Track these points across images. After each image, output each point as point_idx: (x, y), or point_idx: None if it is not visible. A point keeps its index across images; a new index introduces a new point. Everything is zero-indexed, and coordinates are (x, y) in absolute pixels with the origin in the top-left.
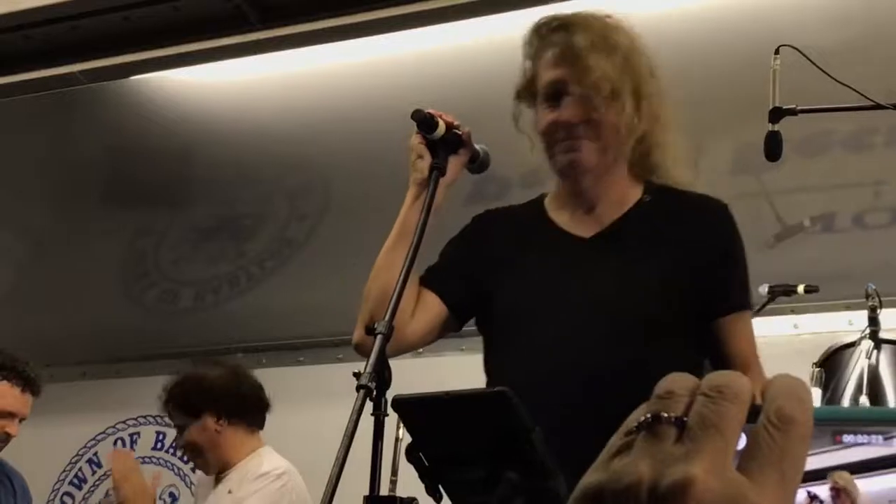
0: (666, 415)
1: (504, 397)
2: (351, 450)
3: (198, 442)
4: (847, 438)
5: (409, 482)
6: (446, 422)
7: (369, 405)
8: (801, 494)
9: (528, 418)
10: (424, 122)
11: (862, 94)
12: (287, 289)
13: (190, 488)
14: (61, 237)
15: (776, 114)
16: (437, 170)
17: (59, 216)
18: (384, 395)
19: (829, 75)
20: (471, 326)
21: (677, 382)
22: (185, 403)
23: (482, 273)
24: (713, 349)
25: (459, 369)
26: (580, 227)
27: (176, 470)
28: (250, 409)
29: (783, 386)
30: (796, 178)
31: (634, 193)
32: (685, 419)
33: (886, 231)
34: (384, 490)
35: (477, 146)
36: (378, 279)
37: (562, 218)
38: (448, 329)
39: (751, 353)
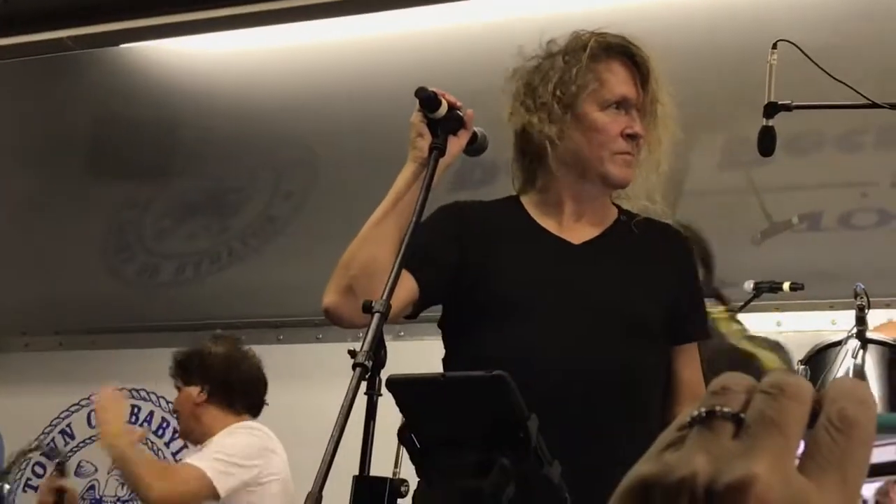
0: (721, 410)
1: (502, 382)
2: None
3: (182, 406)
4: None
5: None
6: (441, 404)
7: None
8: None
9: (524, 404)
10: (427, 100)
11: (858, 92)
12: (269, 266)
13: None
14: (43, 205)
15: (771, 109)
16: (437, 150)
17: (43, 184)
18: (378, 374)
19: (826, 72)
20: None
21: (732, 379)
22: (183, 368)
23: (463, 263)
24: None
25: (440, 355)
26: (568, 234)
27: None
28: (235, 396)
29: (845, 388)
30: (785, 176)
31: (611, 214)
32: (742, 416)
33: (872, 232)
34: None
35: (475, 129)
36: (364, 249)
37: (548, 224)
38: (409, 312)
39: (701, 384)
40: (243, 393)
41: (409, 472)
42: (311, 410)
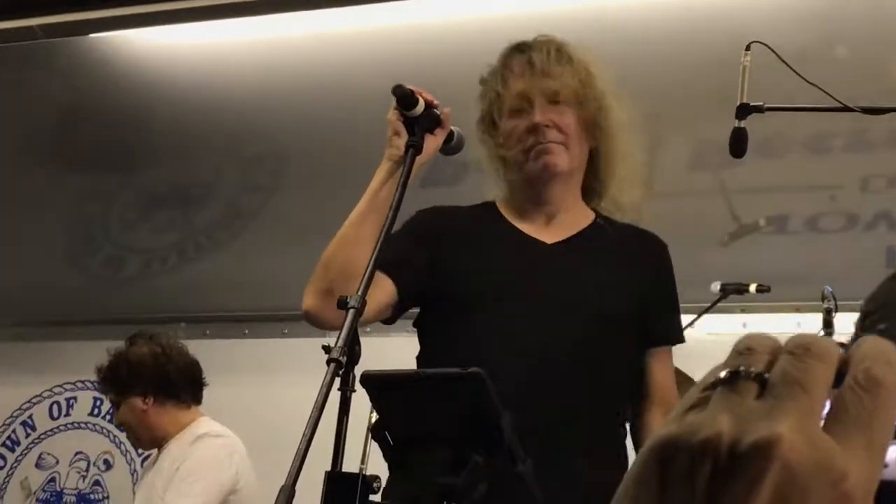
0: (746, 370)
1: (477, 379)
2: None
3: (127, 419)
4: None
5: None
6: (415, 401)
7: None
8: None
9: (499, 401)
10: (404, 98)
11: (831, 95)
12: (234, 261)
13: (125, 456)
14: (6, 195)
15: (743, 110)
16: (413, 148)
17: (6, 173)
18: (352, 370)
19: (799, 75)
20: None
21: (757, 339)
22: (114, 382)
23: (439, 264)
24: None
25: (404, 351)
26: (541, 235)
27: (111, 437)
28: (179, 388)
29: (872, 348)
30: (754, 178)
31: (587, 217)
32: (766, 376)
33: (839, 236)
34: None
35: (452, 128)
36: (343, 251)
37: (522, 225)
38: (388, 315)
39: (673, 390)
40: (186, 383)
41: (376, 468)
42: (276, 405)
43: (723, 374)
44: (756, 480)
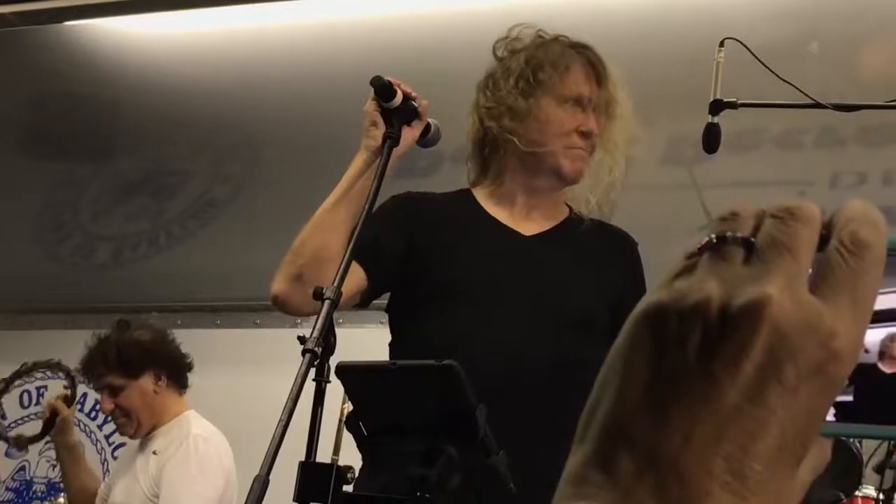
0: (732, 234)
1: (452, 371)
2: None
3: (134, 403)
4: None
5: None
6: (390, 392)
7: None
8: (882, 334)
9: (473, 394)
10: (382, 89)
11: (803, 92)
12: (207, 250)
13: (96, 445)
14: None
15: (717, 106)
16: (391, 139)
17: None
18: (328, 361)
19: (772, 71)
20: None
21: (741, 204)
22: (123, 364)
23: (413, 252)
24: None
25: (378, 342)
26: (518, 225)
27: (82, 426)
28: (184, 371)
29: (857, 210)
30: (725, 173)
31: (563, 211)
32: (753, 240)
33: None
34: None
35: (429, 120)
36: (315, 237)
37: (500, 215)
38: (357, 302)
39: None
40: (188, 370)
41: (348, 459)
42: (247, 395)
43: (707, 238)
44: (747, 342)
